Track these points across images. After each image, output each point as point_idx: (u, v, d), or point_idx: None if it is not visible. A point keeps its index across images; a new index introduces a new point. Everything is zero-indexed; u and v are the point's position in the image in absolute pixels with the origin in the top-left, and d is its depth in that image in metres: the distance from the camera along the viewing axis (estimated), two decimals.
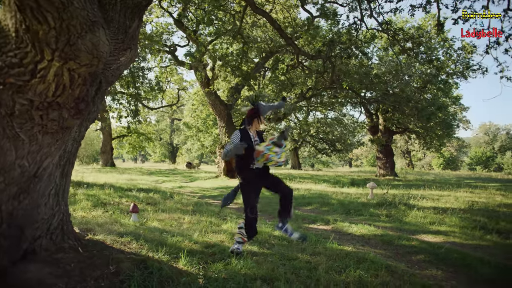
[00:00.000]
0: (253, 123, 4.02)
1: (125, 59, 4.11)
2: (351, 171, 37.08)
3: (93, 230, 3.90)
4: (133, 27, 4.00)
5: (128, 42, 3.98)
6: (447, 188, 13.69)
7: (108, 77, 3.97)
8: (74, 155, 3.37)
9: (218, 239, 4.32)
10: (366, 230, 5.43)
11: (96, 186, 10.13)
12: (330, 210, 7.89)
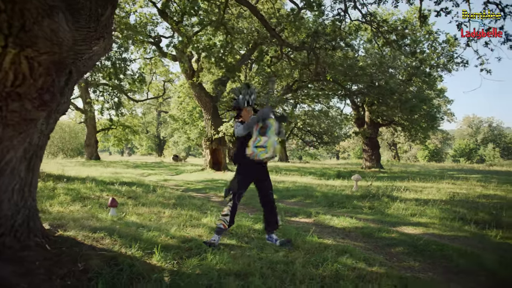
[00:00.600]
0: (242, 116, 4.13)
1: (98, 48, 3.95)
2: (338, 164, 37.36)
3: (66, 225, 3.77)
4: (106, 15, 3.84)
5: (101, 31, 3.82)
6: (430, 180, 13.88)
7: (80, 67, 3.81)
8: (42, 148, 3.23)
9: (196, 233, 4.24)
10: (348, 223, 5.43)
11: (78, 180, 9.91)
12: (313, 203, 7.88)
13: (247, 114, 4.11)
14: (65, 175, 10.98)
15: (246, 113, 4.11)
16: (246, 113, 4.11)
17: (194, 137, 25.86)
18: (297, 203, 7.94)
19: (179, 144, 37.70)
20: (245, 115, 4.11)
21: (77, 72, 3.77)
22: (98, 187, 8.91)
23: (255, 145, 3.81)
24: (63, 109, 3.56)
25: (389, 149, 45.95)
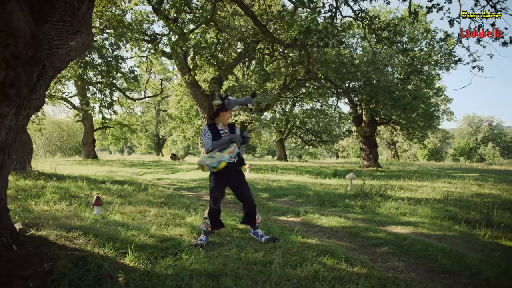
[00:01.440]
0: (220, 116, 4.09)
1: (76, 43, 3.87)
2: (336, 162, 37.29)
3: (41, 224, 3.69)
4: (83, 9, 3.75)
5: (78, 25, 3.74)
6: (427, 179, 13.79)
7: (56, 63, 3.73)
8: (11, 145, 3.14)
9: (177, 233, 4.16)
10: (335, 222, 5.34)
11: (69, 178, 9.84)
12: (305, 202, 7.80)
13: (225, 117, 4.06)
14: (58, 174, 10.92)
15: (228, 115, 4.05)
16: (228, 116, 4.06)
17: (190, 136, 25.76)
18: (288, 202, 7.86)
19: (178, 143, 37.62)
20: (226, 117, 4.05)
21: (52, 68, 3.68)
22: (89, 185, 8.85)
23: (208, 156, 3.80)
24: (37, 105, 3.47)
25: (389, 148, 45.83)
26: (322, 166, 25.56)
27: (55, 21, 3.54)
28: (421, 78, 20.25)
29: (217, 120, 4.08)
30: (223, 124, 4.08)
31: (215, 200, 3.89)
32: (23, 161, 10.45)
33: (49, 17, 3.50)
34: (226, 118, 4.06)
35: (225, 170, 3.90)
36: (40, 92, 3.44)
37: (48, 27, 3.53)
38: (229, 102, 3.96)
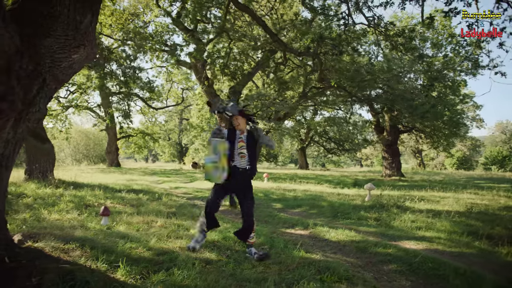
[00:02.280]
0: (236, 126, 4.06)
1: (79, 56, 3.93)
2: (359, 171, 36.48)
3: (41, 236, 3.73)
4: (85, 23, 3.81)
5: (80, 39, 3.79)
6: (452, 189, 13.18)
7: (58, 76, 3.79)
8: (9, 158, 3.18)
9: (177, 245, 4.10)
10: (344, 236, 5.13)
11: (88, 187, 10.06)
12: (318, 213, 7.59)
13: (240, 123, 4.04)
14: (78, 182, 11.21)
15: (238, 122, 4.04)
16: (238, 122, 4.04)
17: None
18: (301, 213, 7.68)
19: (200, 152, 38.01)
20: (238, 124, 4.03)
21: (55, 81, 3.74)
22: (105, 194, 9.00)
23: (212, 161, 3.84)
24: (37, 118, 3.53)
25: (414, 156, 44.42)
26: (343, 175, 25.06)
27: (57, 35, 3.60)
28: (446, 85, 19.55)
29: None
30: (241, 131, 4.04)
31: (212, 204, 3.95)
32: (45, 170, 10.78)
33: (52, 31, 3.56)
34: (239, 125, 4.02)
35: (234, 178, 3.88)
36: (40, 105, 3.49)
37: (51, 41, 3.58)
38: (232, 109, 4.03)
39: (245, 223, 4.00)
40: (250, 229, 3.99)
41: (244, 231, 4.01)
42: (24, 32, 3.45)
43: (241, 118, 4.00)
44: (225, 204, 8.72)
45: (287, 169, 39.97)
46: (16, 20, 3.43)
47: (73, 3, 3.58)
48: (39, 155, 10.95)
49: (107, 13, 14.26)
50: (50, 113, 21.94)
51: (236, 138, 3.99)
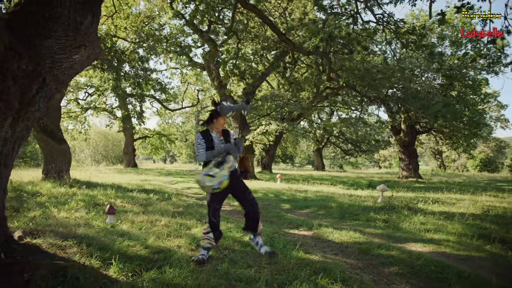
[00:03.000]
0: (214, 123, 3.93)
1: (80, 57, 3.99)
2: (377, 173, 35.88)
3: (42, 232, 3.81)
4: (86, 24, 3.87)
5: (81, 40, 3.86)
6: (470, 191, 12.75)
7: (59, 76, 3.86)
8: (8, 156, 3.26)
9: (175, 244, 4.12)
10: (348, 237, 5.03)
11: (101, 186, 10.26)
12: (325, 214, 7.48)
13: (219, 124, 3.91)
14: (92, 182, 11.45)
15: (222, 122, 3.92)
16: (222, 122, 3.92)
17: None
18: (308, 214, 7.58)
19: None
20: (220, 123, 3.92)
21: (55, 81, 3.81)
22: (117, 193, 9.15)
23: (205, 173, 3.61)
24: (37, 117, 3.61)
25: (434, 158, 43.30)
26: (359, 176, 24.72)
27: (58, 36, 3.67)
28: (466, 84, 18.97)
29: (210, 127, 3.92)
30: (217, 131, 3.91)
31: (214, 213, 3.78)
32: (61, 170, 11.07)
33: (52, 32, 3.63)
34: (220, 125, 3.90)
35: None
36: (39, 104, 3.57)
37: (51, 42, 3.65)
38: (223, 108, 3.83)
39: (252, 213, 3.90)
40: (258, 218, 3.93)
41: (252, 221, 3.93)
42: (25, 33, 3.54)
43: (224, 119, 3.93)
44: (233, 204, 8.72)
45: (304, 170, 39.77)
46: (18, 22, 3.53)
47: (74, 5, 3.65)
48: (55, 155, 11.26)
49: (122, 16, 14.56)
50: (69, 115, 22.60)
51: (216, 141, 3.85)
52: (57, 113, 11.92)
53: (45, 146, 11.27)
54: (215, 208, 3.79)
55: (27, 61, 3.50)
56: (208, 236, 3.79)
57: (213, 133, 3.90)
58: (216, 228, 3.82)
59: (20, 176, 12.05)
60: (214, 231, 3.80)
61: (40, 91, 3.60)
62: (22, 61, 3.44)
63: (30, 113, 3.44)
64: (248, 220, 3.96)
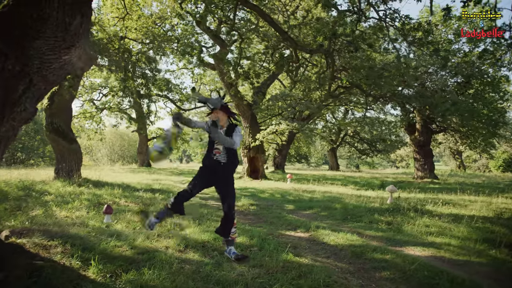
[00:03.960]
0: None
1: (69, 57, 4.01)
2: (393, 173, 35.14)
3: (30, 231, 3.85)
4: (75, 25, 3.88)
5: (71, 40, 3.87)
6: (486, 193, 12.27)
7: (48, 76, 3.88)
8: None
9: (163, 245, 4.10)
10: (344, 240, 4.89)
11: (108, 185, 10.40)
12: (328, 215, 7.33)
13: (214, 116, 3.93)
14: (102, 181, 11.63)
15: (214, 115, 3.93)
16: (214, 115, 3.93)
17: None
18: (310, 215, 7.45)
19: None
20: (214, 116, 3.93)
21: (44, 81, 3.84)
22: (124, 193, 9.25)
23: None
24: (23, 117, 3.64)
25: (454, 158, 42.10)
26: (373, 176, 24.25)
27: (46, 37, 3.68)
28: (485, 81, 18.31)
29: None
30: (221, 123, 3.95)
31: (191, 187, 3.83)
32: (71, 169, 11.29)
33: (41, 33, 3.64)
34: (215, 117, 3.91)
35: (214, 168, 3.84)
36: (26, 104, 3.60)
37: (40, 43, 3.66)
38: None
39: (225, 217, 3.90)
40: (230, 223, 3.90)
41: (225, 226, 3.91)
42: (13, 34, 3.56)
43: (222, 113, 3.89)
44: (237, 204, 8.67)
45: (318, 170, 39.36)
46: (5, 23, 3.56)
47: (62, 6, 3.65)
48: (66, 155, 11.50)
49: (134, 18, 14.74)
50: (85, 115, 23.07)
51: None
52: (69, 114, 12.16)
53: (57, 146, 11.53)
54: (194, 185, 3.84)
55: (13, 61, 3.52)
56: (170, 200, 3.87)
57: (219, 123, 3.93)
58: (182, 196, 3.85)
59: (35, 175, 12.38)
60: (179, 197, 3.84)
61: (26, 92, 3.62)
62: (8, 61, 3.46)
63: (15, 114, 3.47)
64: (222, 222, 3.94)
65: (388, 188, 9.80)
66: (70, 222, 5.04)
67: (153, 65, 14.43)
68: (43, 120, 12.09)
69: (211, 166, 3.83)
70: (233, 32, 15.04)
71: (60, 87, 11.37)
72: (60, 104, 11.53)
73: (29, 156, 26.24)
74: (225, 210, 3.89)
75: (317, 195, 10.80)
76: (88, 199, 7.85)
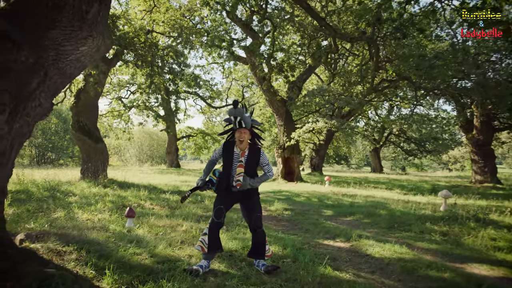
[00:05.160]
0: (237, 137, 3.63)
1: (87, 48, 3.97)
2: (445, 176, 33.48)
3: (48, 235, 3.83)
4: (92, 13, 3.83)
5: (88, 30, 3.82)
6: None
7: (65, 69, 3.85)
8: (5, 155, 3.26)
9: (187, 253, 3.96)
10: (392, 252, 4.52)
11: (134, 187, 10.54)
12: (371, 223, 6.91)
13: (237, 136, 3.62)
14: (128, 182, 11.83)
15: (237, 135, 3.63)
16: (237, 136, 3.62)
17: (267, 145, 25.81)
18: (351, 222, 7.07)
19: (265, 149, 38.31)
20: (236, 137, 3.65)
21: (60, 74, 3.80)
22: (150, 195, 9.32)
23: None
24: (39, 113, 3.61)
25: None
26: (422, 180, 23.16)
27: (63, 26, 3.64)
28: None
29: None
30: (240, 147, 3.65)
31: (218, 213, 3.55)
32: (97, 169, 11.57)
33: (57, 22, 3.60)
34: (238, 141, 3.61)
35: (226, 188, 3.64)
36: (40, 99, 3.57)
37: (56, 32, 3.62)
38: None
39: (255, 236, 3.65)
40: (262, 242, 3.64)
41: (257, 246, 3.64)
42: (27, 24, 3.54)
43: (248, 133, 3.61)
44: (270, 208, 8.46)
45: (360, 172, 38.31)
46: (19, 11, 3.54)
47: None
48: (92, 155, 11.81)
49: (162, 10, 14.93)
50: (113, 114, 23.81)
51: (234, 160, 3.61)
52: (95, 112, 12.48)
53: (82, 146, 11.86)
54: (219, 209, 3.58)
55: (27, 53, 3.49)
56: (203, 238, 3.56)
57: (236, 148, 3.66)
58: (214, 232, 3.56)
59: (63, 175, 12.86)
60: (210, 233, 3.54)
61: (41, 85, 3.59)
62: (21, 52, 3.43)
63: (29, 109, 3.44)
64: (253, 242, 3.69)
65: (442, 193, 9.18)
66: (90, 226, 5.04)
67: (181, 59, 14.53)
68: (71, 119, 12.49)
69: (231, 189, 3.63)
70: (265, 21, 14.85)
71: (86, 84, 11.70)
72: (86, 101, 11.86)
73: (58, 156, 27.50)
74: (253, 227, 3.62)
75: (358, 199, 10.36)
76: (112, 201, 7.95)
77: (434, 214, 7.65)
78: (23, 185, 8.89)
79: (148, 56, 10.85)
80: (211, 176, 3.80)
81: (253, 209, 3.63)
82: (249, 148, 3.67)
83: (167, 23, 13.87)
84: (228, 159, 3.63)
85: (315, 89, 17.73)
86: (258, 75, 15.99)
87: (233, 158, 3.62)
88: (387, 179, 22.66)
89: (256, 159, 3.66)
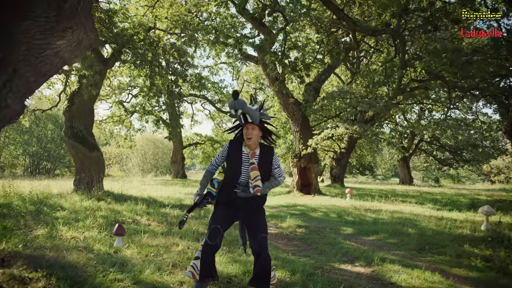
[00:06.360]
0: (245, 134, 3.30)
1: (66, 42, 3.83)
2: (487, 189, 32.49)
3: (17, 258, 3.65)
4: (71, 2, 3.69)
5: (66, 21, 3.68)
6: None
7: (39, 66, 3.70)
8: None
9: (177, 279, 3.71)
10: (421, 280, 4.19)
11: (132, 200, 10.40)
12: (398, 244, 6.56)
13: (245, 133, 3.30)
14: (125, 195, 11.73)
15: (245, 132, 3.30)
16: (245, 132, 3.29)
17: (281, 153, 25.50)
18: (374, 242, 6.72)
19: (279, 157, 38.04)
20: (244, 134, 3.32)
21: (33, 72, 3.65)
22: (148, 209, 9.17)
23: None
24: (4, 115, 3.46)
25: None
26: (459, 193, 22.45)
27: (36, 17, 3.51)
28: None
29: None
30: (248, 147, 3.34)
31: (212, 234, 3.22)
32: (91, 180, 11.48)
33: (29, 12, 3.48)
34: (246, 138, 3.28)
35: (233, 200, 3.31)
36: (7, 100, 3.41)
37: (27, 24, 3.49)
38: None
39: (259, 260, 3.25)
40: (267, 267, 3.27)
41: (262, 273, 3.26)
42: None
43: (257, 130, 3.29)
44: (281, 225, 8.18)
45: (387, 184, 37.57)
46: None
47: None
48: (86, 164, 11.73)
49: (166, 5, 14.96)
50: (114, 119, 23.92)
51: (244, 162, 3.30)
52: (90, 117, 12.44)
53: (76, 154, 11.80)
54: (214, 228, 3.24)
55: None
56: (194, 263, 3.29)
57: (244, 148, 3.36)
58: (207, 258, 3.24)
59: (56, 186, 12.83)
60: (203, 258, 3.24)
61: (8, 84, 3.44)
62: None
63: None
64: (256, 267, 3.31)
65: (483, 209, 8.75)
66: (72, 246, 4.86)
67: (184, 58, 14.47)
68: None
69: (236, 200, 3.33)
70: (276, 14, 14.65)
71: (80, 86, 11.68)
72: (81, 105, 11.82)
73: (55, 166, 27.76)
74: (257, 249, 3.25)
75: (383, 215, 9.99)
76: (105, 216, 7.82)
77: (473, 234, 7.27)
78: (8, 198, 8.83)
79: (147, 55, 10.78)
80: (210, 188, 3.47)
81: (258, 229, 3.29)
82: (260, 147, 3.38)
83: (170, 19, 13.86)
84: (235, 161, 3.31)
85: (335, 92, 17.44)
86: (271, 76, 15.80)
87: (241, 160, 3.31)
88: (418, 192, 22.05)
89: (268, 160, 3.37)
